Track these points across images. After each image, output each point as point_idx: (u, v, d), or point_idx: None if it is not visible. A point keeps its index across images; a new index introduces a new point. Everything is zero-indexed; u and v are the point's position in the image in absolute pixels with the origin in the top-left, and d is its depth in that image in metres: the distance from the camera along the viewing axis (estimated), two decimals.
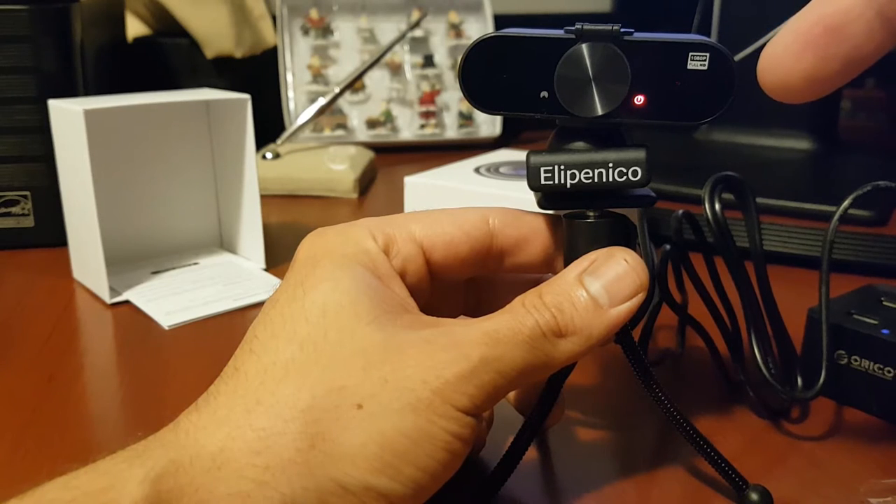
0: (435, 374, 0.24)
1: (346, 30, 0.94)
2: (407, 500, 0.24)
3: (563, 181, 0.28)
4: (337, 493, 0.23)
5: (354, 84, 0.88)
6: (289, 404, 0.24)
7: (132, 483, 0.22)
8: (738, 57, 0.65)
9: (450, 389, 0.24)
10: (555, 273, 0.28)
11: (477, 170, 0.56)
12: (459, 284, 0.32)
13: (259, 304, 0.43)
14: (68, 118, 0.48)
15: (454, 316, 0.32)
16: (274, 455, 0.23)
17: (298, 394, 0.24)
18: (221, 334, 0.45)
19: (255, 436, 0.23)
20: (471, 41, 0.33)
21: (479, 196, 0.51)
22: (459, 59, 0.28)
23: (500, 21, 0.95)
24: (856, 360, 0.36)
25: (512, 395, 0.33)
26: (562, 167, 0.28)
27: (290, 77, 0.92)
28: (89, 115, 0.46)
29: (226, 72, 0.88)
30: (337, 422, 0.23)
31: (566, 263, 0.29)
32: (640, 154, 0.28)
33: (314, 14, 0.93)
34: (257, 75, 0.91)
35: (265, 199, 0.57)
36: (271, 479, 0.23)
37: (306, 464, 0.23)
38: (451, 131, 0.96)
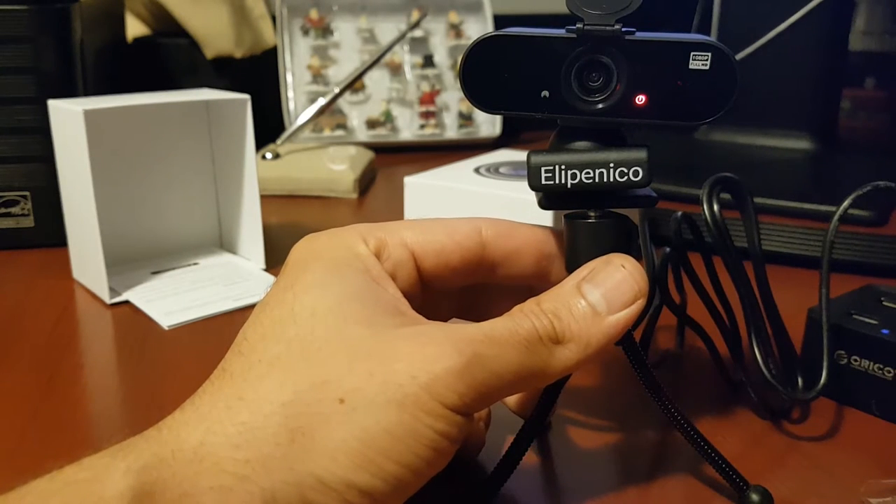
0: (424, 368, 0.23)
1: (345, 30, 0.94)
2: (388, 496, 0.23)
3: (563, 181, 0.28)
4: (317, 489, 0.23)
5: (354, 84, 0.88)
6: (269, 399, 0.23)
7: (116, 474, 0.22)
8: (738, 57, 0.65)
9: (439, 385, 0.23)
10: (549, 284, 0.28)
11: (477, 170, 0.56)
12: (452, 293, 0.32)
13: None
14: (68, 118, 0.48)
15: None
16: (254, 449, 0.23)
17: (281, 388, 0.24)
18: (221, 334, 0.45)
19: (235, 430, 0.23)
20: (471, 41, 0.33)
21: (479, 196, 0.51)
22: (460, 58, 0.28)
23: (500, 21, 0.95)
24: (856, 360, 0.36)
25: (512, 400, 0.33)
26: (563, 167, 0.28)
27: (290, 77, 0.92)
28: (89, 115, 0.46)
29: (226, 72, 0.88)
30: (318, 416, 0.23)
31: (567, 264, 0.29)
32: (641, 154, 0.28)
33: (314, 14, 0.93)
34: (257, 75, 0.91)
35: (265, 199, 0.57)
36: (251, 473, 0.22)
37: (286, 458, 0.23)
38: (451, 131, 0.96)
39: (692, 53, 0.27)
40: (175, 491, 0.22)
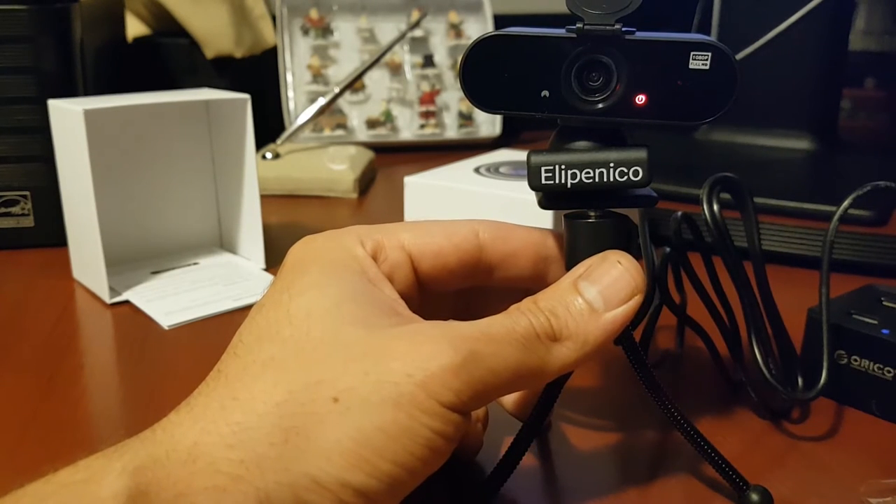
0: (421, 366, 0.23)
1: (346, 30, 0.94)
2: (383, 495, 0.23)
3: (563, 181, 0.28)
4: (311, 489, 0.23)
5: (354, 84, 0.88)
6: (263, 399, 0.23)
7: (111, 475, 0.22)
8: (738, 57, 0.65)
9: (435, 383, 0.23)
10: (546, 287, 0.28)
11: (477, 170, 0.56)
12: (449, 295, 0.32)
13: None
14: (68, 118, 0.48)
15: None
16: (248, 449, 0.23)
17: (275, 388, 0.23)
18: (221, 334, 0.45)
19: (229, 430, 0.23)
20: (471, 41, 0.33)
21: (479, 196, 0.51)
22: (460, 58, 0.28)
23: (500, 21, 0.94)
24: (856, 360, 0.36)
25: (510, 402, 0.33)
26: (563, 167, 0.28)
27: (290, 77, 0.92)
28: (89, 115, 0.46)
29: (226, 72, 0.88)
30: (312, 416, 0.23)
31: (567, 263, 0.29)
32: (641, 154, 0.28)
33: (314, 14, 0.93)
34: (257, 75, 0.91)
35: (265, 199, 0.57)
36: (246, 473, 0.22)
37: (280, 458, 0.23)
38: (451, 131, 0.96)
39: (692, 53, 0.27)
40: (170, 491, 0.22)
